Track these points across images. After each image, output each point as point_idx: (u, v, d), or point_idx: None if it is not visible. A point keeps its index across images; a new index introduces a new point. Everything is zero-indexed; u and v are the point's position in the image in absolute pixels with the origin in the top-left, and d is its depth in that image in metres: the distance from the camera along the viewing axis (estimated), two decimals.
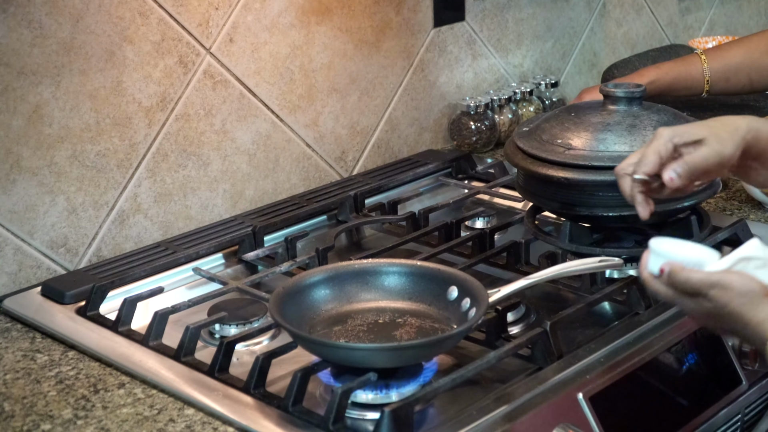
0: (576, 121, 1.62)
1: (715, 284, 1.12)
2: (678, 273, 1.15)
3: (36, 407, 1.31)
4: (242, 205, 1.90)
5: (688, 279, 1.14)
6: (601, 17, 2.57)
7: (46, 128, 1.62)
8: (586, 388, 1.32)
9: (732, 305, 1.11)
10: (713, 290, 1.12)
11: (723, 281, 1.12)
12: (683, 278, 1.14)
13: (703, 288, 1.13)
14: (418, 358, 1.30)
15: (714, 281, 1.12)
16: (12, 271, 1.62)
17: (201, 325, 1.43)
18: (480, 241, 1.70)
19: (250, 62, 1.86)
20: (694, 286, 1.14)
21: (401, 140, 2.16)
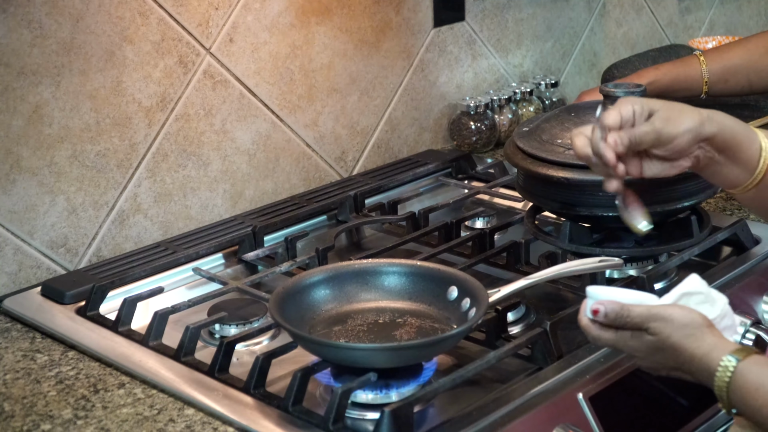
0: (576, 121, 1.62)
1: (655, 317, 1.09)
2: (616, 309, 1.12)
3: (36, 407, 1.31)
4: (242, 205, 1.90)
5: (630, 313, 1.11)
6: (601, 17, 2.57)
7: (46, 128, 1.62)
8: (586, 388, 1.32)
9: (674, 337, 1.08)
10: (654, 323, 1.10)
11: (663, 313, 1.09)
12: (624, 313, 1.11)
13: (644, 321, 1.10)
14: (418, 358, 1.30)
15: (654, 314, 1.10)
16: (12, 271, 1.62)
17: (201, 325, 1.43)
18: (480, 241, 1.70)
19: (250, 62, 1.86)
20: (634, 320, 1.11)
21: (401, 140, 2.16)
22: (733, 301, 1.54)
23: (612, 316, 1.12)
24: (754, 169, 1.28)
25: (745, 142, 1.27)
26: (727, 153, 1.27)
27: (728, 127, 1.26)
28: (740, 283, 1.59)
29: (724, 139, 1.26)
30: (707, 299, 1.13)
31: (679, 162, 1.28)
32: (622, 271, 1.60)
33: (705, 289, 1.13)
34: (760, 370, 1.04)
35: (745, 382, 1.04)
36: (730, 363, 1.05)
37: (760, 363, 1.05)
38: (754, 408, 1.04)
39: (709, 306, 1.12)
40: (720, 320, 1.12)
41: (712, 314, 1.12)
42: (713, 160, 1.28)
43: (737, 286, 1.58)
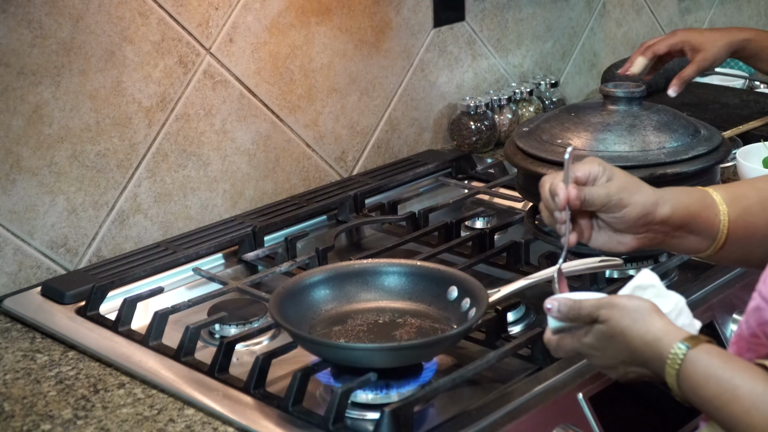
0: (576, 121, 1.62)
1: (604, 305, 1.10)
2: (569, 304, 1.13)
3: (36, 407, 1.31)
4: (242, 205, 1.90)
5: (581, 305, 1.12)
6: (601, 17, 2.57)
7: (46, 128, 1.62)
8: (586, 388, 1.32)
9: (624, 322, 1.08)
10: (603, 310, 1.10)
11: (612, 300, 1.10)
12: (576, 306, 1.12)
13: (594, 310, 1.11)
14: (418, 358, 1.30)
15: (604, 302, 1.10)
16: (12, 271, 1.62)
17: (201, 325, 1.43)
18: (480, 241, 1.70)
19: (250, 62, 1.86)
20: (586, 310, 1.11)
21: (401, 140, 2.16)
22: (733, 301, 1.55)
23: (564, 310, 1.13)
24: (714, 235, 1.25)
25: (702, 214, 1.25)
26: (684, 228, 1.25)
27: (682, 205, 1.24)
28: (740, 283, 1.59)
29: (679, 218, 1.24)
30: (660, 294, 1.13)
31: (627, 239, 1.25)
32: (622, 271, 1.60)
33: (658, 283, 1.13)
34: (710, 359, 1.03)
35: (696, 372, 1.03)
36: (680, 351, 1.04)
37: (711, 352, 1.03)
38: (704, 398, 1.03)
39: (662, 300, 1.12)
40: (675, 317, 1.11)
41: (665, 308, 1.11)
42: (670, 236, 1.26)
43: (737, 285, 1.58)
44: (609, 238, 1.25)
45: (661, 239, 1.26)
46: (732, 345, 1.12)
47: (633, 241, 1.25)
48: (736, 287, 1.58)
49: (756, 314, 1.08)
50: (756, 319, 1.08)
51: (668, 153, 1.55)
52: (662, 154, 1.55)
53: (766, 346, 1.07)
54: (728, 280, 1.59)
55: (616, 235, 1.25)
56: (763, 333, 1.07)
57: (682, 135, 1.59)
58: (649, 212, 1.22)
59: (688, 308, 1.13)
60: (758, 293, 1.08)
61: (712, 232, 1.25)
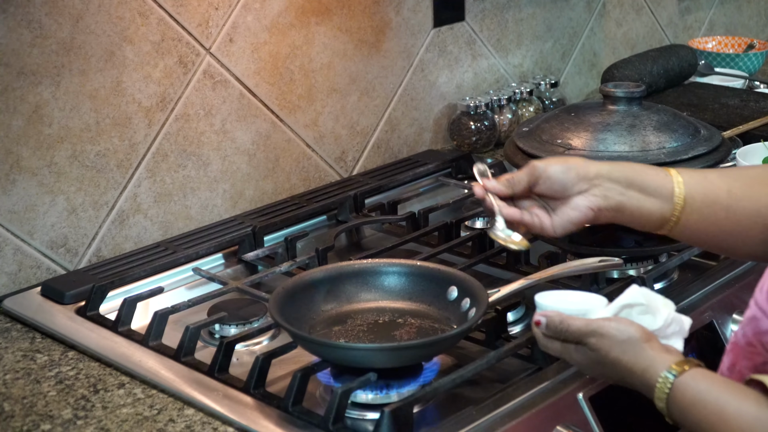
0: (576, 121, 1.62)
1: (593, 332, 1.10)
2: (556, 322, 1.12)
3: (36, 407, 1.31)
4: (242, 205, 1.90)
5: (568, 327, 1.11)
6: (601, 17, 2.57)
7: (46, 128, 1.62)
8: (586, 388, 1.32)
9: (613, 353, 1.09)
10: (592, 339, 1.10)
11: (601, 329, 1.09)
12: (564, 327, 1.12)
13: (583, 336, 1.11)
14: (418, 358, 1.30)
15: (592, 329, 1.10)
16: (12, 271, 1.62)
17: (201, 325, 1.43)
18: (480, 241, 1.70)
19: (250, 62, 1.86)
20: (573, 333, 1.11)
21: (401, 140, 2.16)
22: (733, 301, 1.55)
23: (552, 328, 1.13)
24: (670, 196, 1.26)
25: (648, 171, 1.27)
26: (635, 187, 1.27)
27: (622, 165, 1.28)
28: (740, 283, 1.59)
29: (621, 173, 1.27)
30: (648, 310, 1.12)
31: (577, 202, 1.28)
32: (622, 271, 1.60)
33: (645, 299, 1.12)
34: (696, 385, 1.04)
35: (683, 398, 1.04)
36: (667, 379, 1.05)
37: (697, 378, 1.05)
38: (693, 423, 1.04)
39: (650, 317, 1.11)
40: (665, 329, 1.11)
41: (654, 325, 1.11)
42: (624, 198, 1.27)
43: (737, 285, 1.58)
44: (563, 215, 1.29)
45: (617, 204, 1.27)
46: (728, 353, 1.12)
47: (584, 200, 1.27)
48: (735, 287, 1.58)
49: (752, 323, 1.08)
50: (752, 328, 1.08)
51: (668, 153, 1.55)
52: (662, 154, 1.55)
53: (761, 355, 1.07)
54: (728, 280, 1.59)
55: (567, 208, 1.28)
56: (759, 342, 1.07)
57: (682, 135, 1.59)
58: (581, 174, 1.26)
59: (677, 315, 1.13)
60: (755, 302, 1.08)
61: (667, 191, 1.26)
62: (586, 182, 1.27)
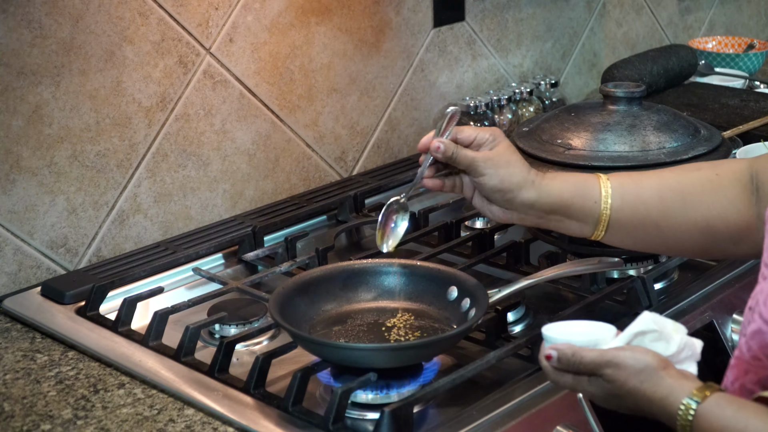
0: (576, 121, 1.62)
1: (608, 363, 1.07)
2: (568, 355, 1.09)
3: (36, 407, 1.31)
4: (242, 205, 1.90)
5: (582, 359, 1.08)
6: (601, 17, 2.57)
7: (46, 128, 1.62)
8: None
9: (630, 383, 1.06)
10: (608, 369, 1.07)
11: (616, 359, 1.07)
12: (577, 359, 1.09)
13: (597, 368, 1.08)
14: (418, 358, 1.30)
15: (607, 360, 1.07)
16: (12, 271, 1.62)
17: (201, 325, 1.43)
18: (480, 241, 1.70)
19: (250, 62, 1.86)
20: (588, 366, 1.08)
21: (401, 140, 2.16)
22: (733, 301, 1.55)
23: (564, 362, 1.10)
24: (594, 221, 1.31)
25: (575, 202, 1.30)
26: (558, 213, 1.31)
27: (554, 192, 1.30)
28: (740, 283, 1.59)
29: (547, 204, 1.30)
30: (661, 336, 1.10)
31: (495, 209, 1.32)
32: (622, 271, 1.60)
33: (658, 326, 1.10)
34: (722, 412, 1.02)
35: (709, 425, 1.02)
36: (690, 407, 1.03)
37: (722, 404, 1.03)
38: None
39: (664, 343, 1.10)
40: (678, 354, 1.10)
41: (668, 351, 1.09)
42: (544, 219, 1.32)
43: (737, 285, 1.58)
44: (481, 204, 1.33)
45: (534, 220, 1.32)
46: (732, 367, 1.12)
47: (501, 214, 1.32)
48: (736, 287, 1.58)
49: (758, 337, 1.08)
50: (757, 342, 1.08)
51: (668, 153, 1.55)
52: (662, 154, 1.55)
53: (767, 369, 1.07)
54: (728, 280, 1.59)
55: (487, 203, 1.32)
56: (765, 356, 1.07)
57: (682, 135, 1.59)
58: (506, 188, 1.29)
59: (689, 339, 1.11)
60: (759, 315, 1.07)
61: (591, 218, 1.31)
62: (508, 204, 1.31)
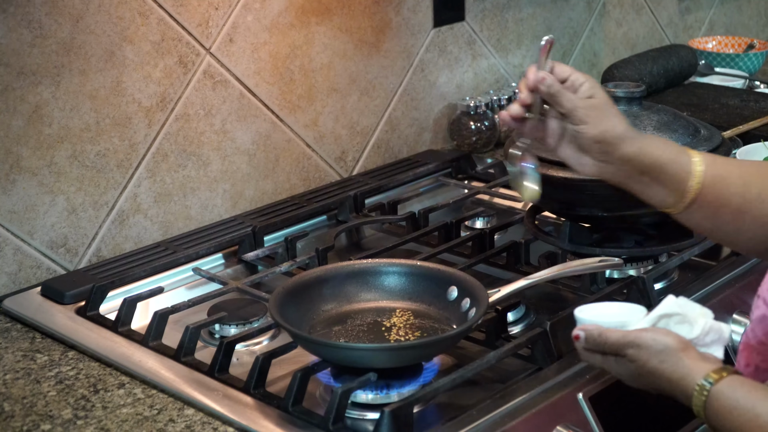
0: None
1: (631, 344, 1.11)
2: (594, 335, 1.14)
3: (36, 407, 1.31)
4: (242, 205, 1.90)
5: (607, 339, 1.13)
6: (601, 17, 2.57)
7: (46, 128, 1.62)
8: (586, 388, 1.32)
9: (651, 364, 1.10)
10: (630, 350, 1.11)
11: (638, 340, 1.11)
12: (602, 339, 1.14)
13: (621, 348, 1.12)
14: (418, 358, 1.30)
15: (630, 340, 1.11)
16: (12, 271, 1.62)
17: (201, 325, 1.43)
18: (480, 241, 1.70)
19: (250, 62, 1.86)
20: (612, 346, 1.13)
21: (401, 140, 2.16)
22: (733, 301, 1.55)
23: (591, 342, 1.14)
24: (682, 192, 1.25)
25: (670, 167, 1.25)
26: (649, 175, 1.25)
27: (652, 151, 1.24)
28: (740, 283, 1.59)
29: (643, 162, 1.24)
30: (685, 319, 1.13)
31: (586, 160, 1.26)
32: (622, 271, 1.60)
33: (682, 309, 1.13)
34: (733, 393, 1.05)
35: (720, 405, 1.05)
36: (704, 388, 1.06)
37: (734, 385, 1.06)
38: (729, 429, 1.05)
39: (688, 326, 1.13)
40: (704, 337, 1.12)
41: (692, 334, 1.12)
42: (634, 180, 1.26)
43: (737, 285, 1.58)
44: (572, 154, 1.27)
45: (624, 178, 1.26)
46: (740, 352, 1.13)
47: (593, 167, 1.26)
48: (736, 287, 1.58)
49: (763, 323, 1.09)
50: (762, 328, 1.09)
51: None
52: None
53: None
54: (728, 280, 1.59)
55: (578, 153, 1.26)
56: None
57: (682, 135, 1.59)
58: (608, 140, 1.23)
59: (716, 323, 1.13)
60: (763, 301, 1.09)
61: (679, 188, 1.25)
62: (605, 156, 1.25)
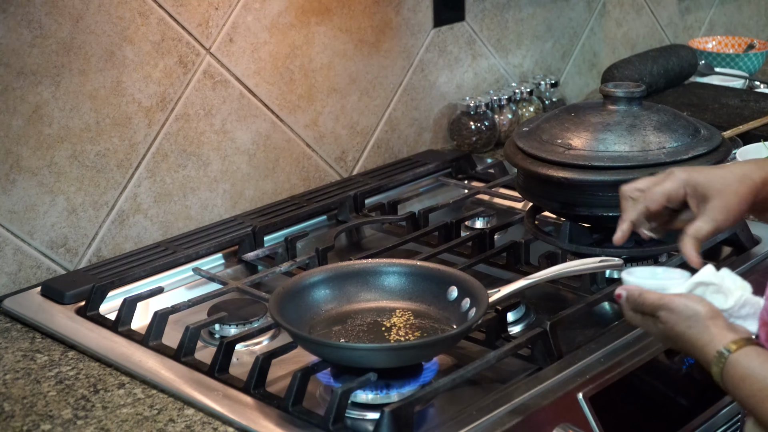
0: (576, 121, 1.62)
1: (664, 306, 1.16)
2: (635, 296, 1.19)
3: (36, 407, 1.31)
4: (242, 205, 1.90)
5: (644, 300, 1.18)
6: (601, 17, 2.57)
7: (46, 128, 1.62)
8: (586, 388, 1.32)
9: (678, 327, 1.15)
10: (662, 312, 1.16)
11: (670, 304, 1.16)
12: (640, 300, 1.19)
13: (655, 310, 1.17)
14: (418, 358, 1.30)
15: (663, 303, 1.16)
16: (12, 271, 1.62)
17: (201, 325, 1.43)
18: (480, 241, 1.70)
19: (250, 62, 1.86)
20: (648, 307, 1.18)
21: (401, 140, 2.16)
22: None
23: (631, 302, 1.20)
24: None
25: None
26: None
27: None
28: None
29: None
30: (720, 290, 1.17)
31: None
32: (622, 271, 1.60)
33: (718, 280, 1.17)
34: (749, 363, 1.09)
35: (735, 374, 1.09)
36: (723, 356, 1.11)
37: (750, 355, 1.10)
38: (741, 397, 1.10)
39: (722, 297, 1.17)
40: (738, 309, 1.16)
41: (725, 304, 1.16)
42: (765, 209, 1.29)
43: None
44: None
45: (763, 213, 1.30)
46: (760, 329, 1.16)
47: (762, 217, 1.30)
48: None
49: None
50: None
51: (668, 153, 1.55)
52: (662, 154, 1.55)
53: None
54: None
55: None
56: None
57: (682, 135, 1.59)
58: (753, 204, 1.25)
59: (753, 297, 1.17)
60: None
61: None
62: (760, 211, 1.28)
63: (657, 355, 1.41)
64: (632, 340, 1.42)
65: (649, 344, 1.42)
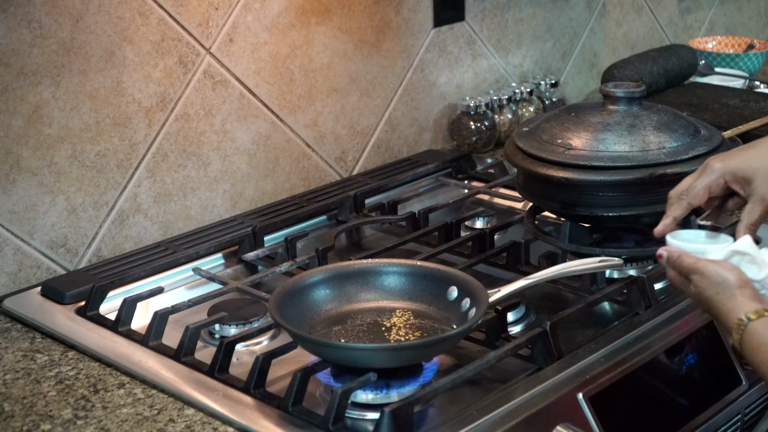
0: (576, 121, 1.62)
1: (697, 270, 1.22)
2: (674, 257, 1.25)
3: (36, 407, 1.31)
4: (242, 205, 1.90)
5: (682, 263, 1.24)
6: (601, 17, 2.57)
7: (46, 128, 1.62)
8: (586, 388, 1.32)
9: (708, 292, 1.20)
10: (695, 276, 1.22)
11: (703, 269, 1.21)
12: (679, 262, 1.25)
13: (690, 272, 1.23)
14: (418, 358, 1.30)
15: (697, 267, 1.22)
16: (12, 271, 1.62)
17: (201, 325, 1.43)
18: (480, 241, 1.70)
19: (250, 62, 1.86)
20: (684, 269, 1.24)
21: (401, 140, 2.16)
22: None
23: (671, 262, 1.26)
24: None
25: None
26: None
27: None
28: None
29: None
30: (754, 261, 1.21)
31: None
32: (622, 271, 1.60)
33: (753, 251, 1.21)
34: (765, 331, 1.14)
35: (753, 341, 1.14)
36: (743, 323, 1.15)
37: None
38: (756, 363, 1.14)
39: (756, 268, 1.21)
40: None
41: (757, 275, 1.21)
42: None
43: None
44: None
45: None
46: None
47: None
48: None
49: None
50: None
51: (668, 153, 1.55)
52: (662, 154, 1.55)
53: None
54: None
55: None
56: None
57: (682, 135, 1.59)
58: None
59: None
60: None
61: None
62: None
63: (657, 355, 1.41)
64: (632, 340, 1.42)
65: (649, 344, 1.42)
